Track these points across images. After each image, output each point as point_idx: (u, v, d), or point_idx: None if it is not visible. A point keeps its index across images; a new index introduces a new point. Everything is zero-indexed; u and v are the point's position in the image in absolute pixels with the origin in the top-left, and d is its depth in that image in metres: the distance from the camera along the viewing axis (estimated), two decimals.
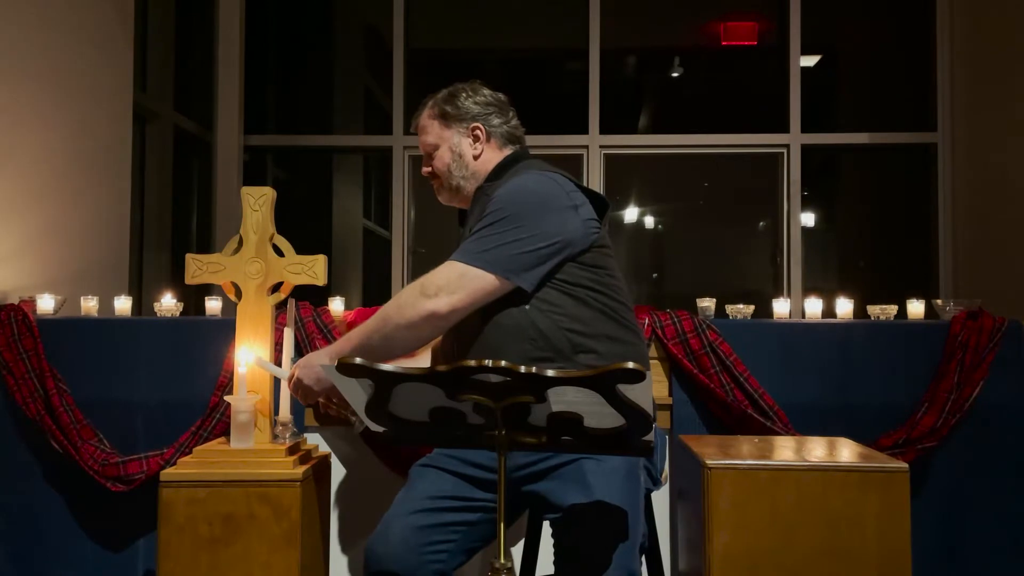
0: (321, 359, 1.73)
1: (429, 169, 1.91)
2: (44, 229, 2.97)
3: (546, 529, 1.88)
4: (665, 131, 4.89)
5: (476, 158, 1.87)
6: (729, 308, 2.49)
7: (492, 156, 1.87)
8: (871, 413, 2.29)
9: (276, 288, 1.93)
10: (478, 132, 1.87)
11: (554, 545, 1.57)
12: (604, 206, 1.75)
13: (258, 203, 1.92)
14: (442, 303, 1.62)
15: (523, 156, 1.88)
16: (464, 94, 1.89)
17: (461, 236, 1.88)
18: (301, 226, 4.98)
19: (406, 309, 1.64)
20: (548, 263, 1.65)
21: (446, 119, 1.88)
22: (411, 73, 4.73)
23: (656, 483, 1.75)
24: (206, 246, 4.59)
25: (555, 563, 1.55)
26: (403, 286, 4.50)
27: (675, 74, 5.16)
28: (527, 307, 1.64)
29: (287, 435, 1.93)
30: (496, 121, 1.88)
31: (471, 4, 5.14)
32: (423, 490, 1.68)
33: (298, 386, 1.77)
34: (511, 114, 1.91)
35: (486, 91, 1.91)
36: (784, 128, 4.57)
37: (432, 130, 1.89)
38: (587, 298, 1.67)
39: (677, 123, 5.04)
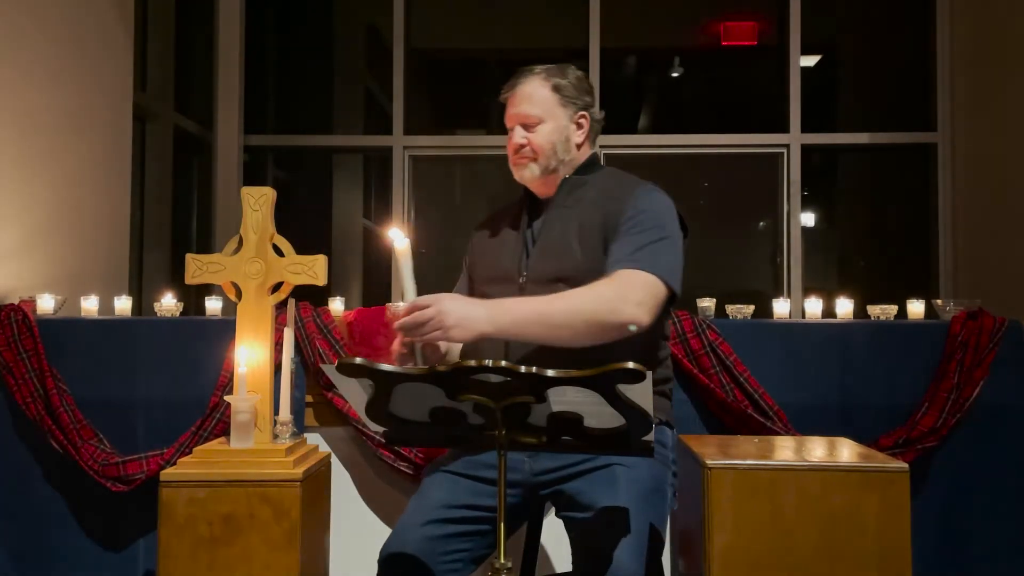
0: (476, 310, 1.55)
1: (525, 142, 1.78)
2: (44, 229, 2.97)
3: (549, 529, 1.88)
4: (665, 131, 4.90)
5: (578, 147, 1.82)
6: (729, 308, 2.49)
7: (586, 149, 1.85)
8: (871, 413, 2.29)
9: (276, 288, 1.93)
10: (583, 120, 1.82)
11: (573, 543, 1.57)
12: (686, 231, 1.79)
13: (258, 203, 1.92)
14: (644, 316, 1.58)
15: (599, 159, 1.87)
16: (577, 77, 1.82)
17: (523, 224, 1.82)
18: (301, 226, 4.98)
19: (604, 312, 1.56)
20: None
21: (563, 96, 1.79)
22: (411, 73, 4.72)
23: (675, 502, 1.76)
24: (206, 246, 4.59)
25: (574, 562, 1.55)
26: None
27: (675, 74, 5.16)
28: None
29: (287, 435, 1.93)
30: (598, 116, 1.86)
31: (471, 4, 5.14)
32: (438, 498, 1.65)
33: (429, 320, 1.53)
34: (602, 114, 1.88)
35: (588, 81, 1.86)
36: (784, 128, 4.57)
37: (543, 102, 1.78)
38: (657, 320, 1.67)
39: (677, 123, 5.04)
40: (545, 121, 1.78)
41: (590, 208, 1.75)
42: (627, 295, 1.57)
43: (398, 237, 1.61)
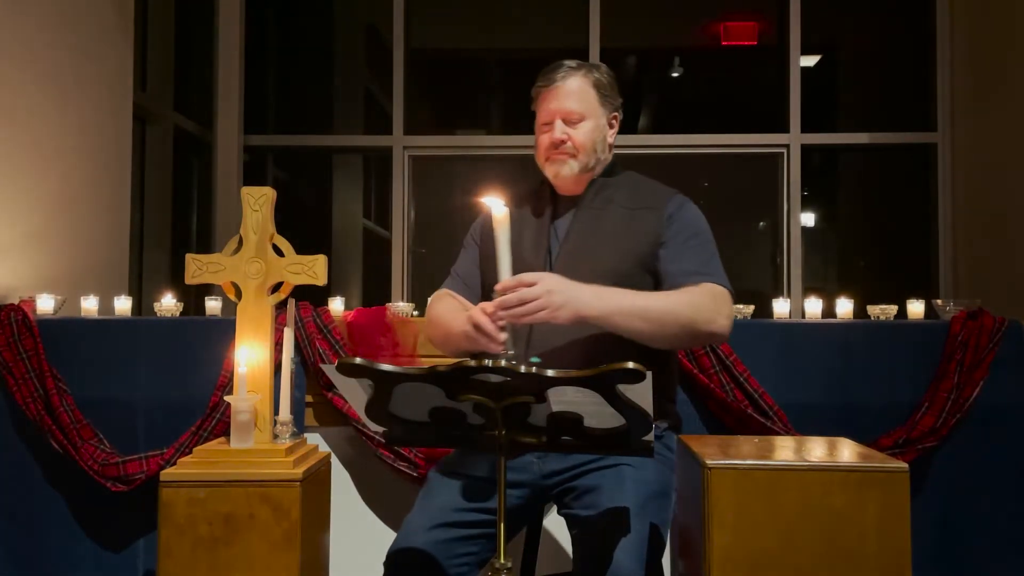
0: (582, 292, 1.54)
1: (567, 137, 1.75)
2: (44, 229, 2.97)
3: (549, 529, 1.88)
4: (665, 131, 4.89)
5: (610, 147, 1.83)
6: None
7: (612, 150, 1.85)
8: (871, 413, 2.29)
9: (276, 288, 1.93)
10: (614, 120, 1.82)
11: (575, 540, 1.56)
12: None
13: (258, 203, 1.92)
14: (728, 330, 1.65)
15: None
16: (611, 76, 1.82)
17: (546, 219, 1.81)
18: (301, 226, 4.98)
19: (702, 321, 1.60)
20: None
21: (601, 94, 1.78)
22: (411, 73, 4.73)
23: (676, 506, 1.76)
24: (206, 246, 4.59)
25: (575, 559, 1.55)
26: (403, 287, 4.55)
27: (675, 74, 5.16)
28: None
29: (287, 435, 1.93)
30: (621, 117, 1.86)
31: (471, 4, 5.14)
32: (446, 501, 1.64)
33: (535, 298, 1.49)
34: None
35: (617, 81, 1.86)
36: (784, 128, 4.57)
37: (586, 98, 1.76)
38: None
39: (677, 123, 5.04)
40: (587, 118, 1.76)
41: (620, 212, 1.75)
42: (720, 308, 1.63)
43: (496, 204, 1.52)
